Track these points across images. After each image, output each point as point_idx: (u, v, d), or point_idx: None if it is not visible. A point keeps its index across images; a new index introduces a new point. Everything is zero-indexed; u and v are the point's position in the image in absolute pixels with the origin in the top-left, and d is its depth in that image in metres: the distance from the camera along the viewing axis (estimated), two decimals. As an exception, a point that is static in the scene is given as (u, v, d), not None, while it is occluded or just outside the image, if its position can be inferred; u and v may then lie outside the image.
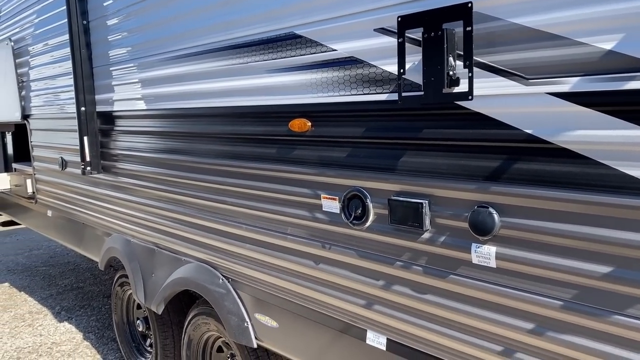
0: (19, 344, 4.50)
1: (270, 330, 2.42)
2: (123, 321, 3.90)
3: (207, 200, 2.68)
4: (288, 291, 2.29)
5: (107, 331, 4.70)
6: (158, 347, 3.42)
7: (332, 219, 2.02)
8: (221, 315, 2.64)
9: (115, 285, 3.84)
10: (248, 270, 2.50)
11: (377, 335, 1.93)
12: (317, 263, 2.12)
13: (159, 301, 3.08)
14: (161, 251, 3.13)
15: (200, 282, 2.76)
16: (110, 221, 3.65)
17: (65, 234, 4.50)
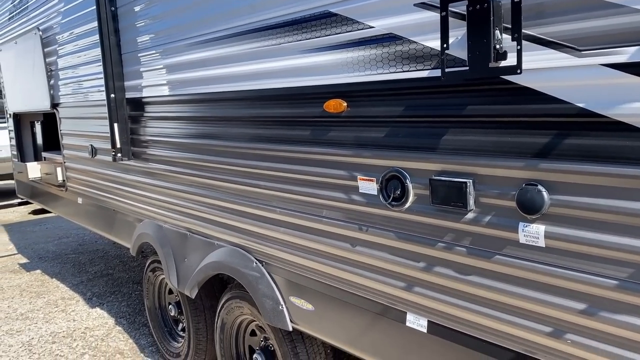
0: (53, 328, 4.59)
1: (305, 313, 2.41)
2: (155, 306, 3.94)
3: (239, 184, 2.67)
4: (324, 274, 2.27)
5: (138, 316, 4.75)
6: (191, 331, 3.45)
7: (370, 200, 1.99)
8: (256, 299, 2.64)
9: (146, 271, 3.88)
10: (282, 254, 2.49)
11: (417, 317, 1.90)
12: (353, 245, 2.10)
13: (192, 285, 3.09)
14: (193, 236, 3.13)
15: (233, 266, 2.76)
16: (142, 207, 3.67)
17: (95, 221, 4.55)
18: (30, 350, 4.20)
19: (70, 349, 4.17)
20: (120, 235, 4.15)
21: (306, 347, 2.66)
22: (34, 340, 4.39)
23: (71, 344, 4.27)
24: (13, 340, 4.40)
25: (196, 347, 3.46)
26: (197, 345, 3.45)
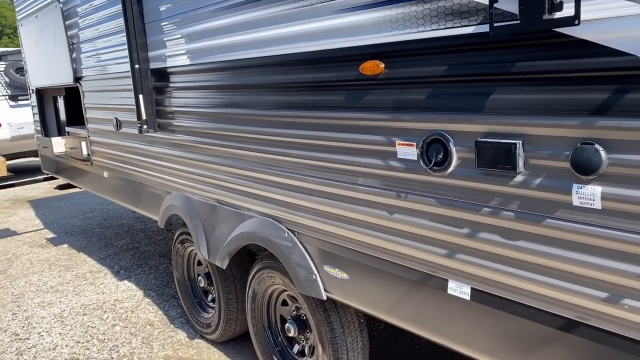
0: (83, 301, 4.64)
1: (340, 282, 2.38)
2: (184, 278, 3.95)
3: (270, 154, 2.62)
4: (359, 243, 2.23)
5: (166, 288, 4.79)
6: (221, 302, 3.45)
7: (409, 166, 1.93)
8: (288, 269, 2.61)
9: (175, 243, 3.88)
10: (315, 223, 2.45)
11: (459, 284, 1.86)
12: (391, 213, 2.04)
13: (223, 256, 3.08)
14: (223, 207, 3.11)
15: (265, 236, 2.73)
16: (169, 179, 3.66)
17: (122, 194, 4.56)
18: (62, 322, 4.26)
19: (101, 321, 4.22)
20: (148, 208, 4.15)
21: (340, 316, 2.64)
22: (65, 312, 4.45)
23: (102, 315, 4.32)
24: (45, 312, 4.46)
25: (227, 317, 3.46)
26: (228, 315, 3.46)
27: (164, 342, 3.81)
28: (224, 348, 3.66)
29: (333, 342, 2.62)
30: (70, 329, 4.12)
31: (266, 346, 3.12)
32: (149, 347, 3.75)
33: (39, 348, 3.86)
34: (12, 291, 5.03)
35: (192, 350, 3.67)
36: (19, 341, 3.99)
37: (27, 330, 4.16)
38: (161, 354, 3.65)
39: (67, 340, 3.94)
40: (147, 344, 3.79)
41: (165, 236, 6.49)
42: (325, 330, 2.63)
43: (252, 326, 3.17)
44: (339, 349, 2.63)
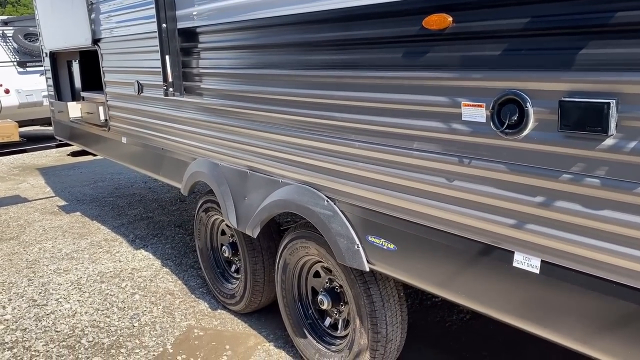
0: (100, 269, 4.55)
1: (386, 253, 2.26)
2: (207, 247, 3.85)
3: (310, 117, 2.49)
4: (410, 212, 2.10)
5: (184, 259, 4.69)
6: (248, 272, 3.35)
7: (475, 129, 1.80)
8: (328, 239, 2.49)
9: (198, 211, 3.76)
10: (359, 191, 2.32)
11: (528, 257, 1.74)
12: (450, 180, 1.92)
13: (255, 224, 2.96)
14: (254, 174, 2.98)
15: (302, 204, 2.61)
16: (195, 145, 3.52)
17: (141, 161, 4.43)
18: (80, 289, 4.18)
19: (119, 289, 4.13)
20: (169, 175, 4.03)
21: (379, 289, 2.53)
22: (82, 279, 4.36)
23: (120, 284, 4.23)
24: (62, 279, 4.38)
25: (253, 288, 3.37)
26: (254, 286, 3.36)
27: (186, 311, 3.73)
28: (247, 319, 3.57)
29: (372, 315, 2.52)
30: (89, 297, 4.03)
31: (296, 319, 3.02)
32: (171, 317, 3.66)
33: (58, 314, 3.78)
34: (26, 257, 4.95)
35: (215, 321, 3.58)
36: (36, 307, 3.91)
37: (45, 297, 4.07)
38: (184, 324, 3.56)
39: (86, 308, 3.86)
40: (168, 314, 3.71)
41: (179, 207, 6.39)
42: (364, 303, 2.52)
43: (282, 298, 3.07)
44: (378, 323, 2.52)
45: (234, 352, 3.20)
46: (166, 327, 3.54)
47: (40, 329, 3.59)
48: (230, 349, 3.23)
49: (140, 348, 3.30)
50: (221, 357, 3.15)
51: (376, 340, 2.55)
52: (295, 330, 3.03)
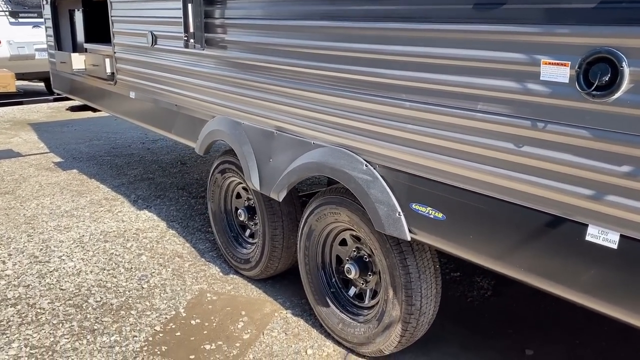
0: (103, 227, 4.39)
1: (432, 222, 2.13)
2: (220, 210, 3.70)
3: (351, 73, 2.33)
4: (467, 180, 1.97)
5: (190, 221, 4.54)
6: (266, 238, 3.22)
7: (555, 90, 1.65)
8: (366, 205, 2.36)
9: (213, 173, 3.60)
10: (404, 155, 2.18)
11: (604, 230, 1.61)
12: (519, 146, 1.78)
13: (281, 188, 2.81)
14: (282, 134, 2.82)
15: (338, 168, 2.46)
16: (214, 102, 3.34)
17: (151, 117, 4.24)
18: (83, 247, 4.02)
19: (125, 249, 3.98)
20: (183, 133, 3.85)
21: (416, 260, 2.42)
22: (85, 237, 4.19)
23: (125, 244, 4.08)
24: (63, 237, 4.21)
25: (270, 254, 3.24)
26: (272, 252, 3.23)
27: (197, 275, 3.59)
28: (262, 286, 3.45)
29: (407, 287, 2.40)
30: (93, 255, 3.88)
31: (319, 287, 2.90)
32: (181, 280, 3.53)
33: (62, 272, 3.62)
34: (23, 212, 4.76)
35: (228, 286, 3.45)
36: (38, 263, 3.75)
37: (46, 253, 3.91)
38: (195, 287, 3.43)
39: (91, 267, 3.70)
40: (178, 276, 3.57)
41: (181, 169, 6.21)
42: (399, 274, 2.40)
43: (305, 265, 2.95)
44: (412, 295, 2.41)
45: (250, 318, 3.09)
46: (177, 290, 3.40)
47: (44, 287, 3.44)
48: (247, 315, 3.11)
49: (151, 310, 3.17)
50: (237, 323, 3.04)
51: (409, 313, 2.44)
52: (317, 298, 2.91)
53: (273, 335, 2.93)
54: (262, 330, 2.97)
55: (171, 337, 2.92)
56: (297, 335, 2.93)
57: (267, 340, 2.89)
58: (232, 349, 2.81)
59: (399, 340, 2.52)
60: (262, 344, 2.85)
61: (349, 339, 2.72)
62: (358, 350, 2.73)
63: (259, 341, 2.87)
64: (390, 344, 2.55)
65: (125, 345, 2.84)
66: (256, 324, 3.03)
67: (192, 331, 2.97)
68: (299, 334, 2.94)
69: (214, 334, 2.94)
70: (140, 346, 2.83)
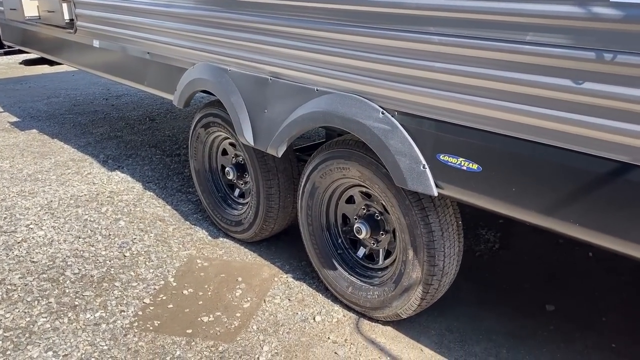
0: (72, 191, 4.02)
1: (464, 175, 1.89)
2: (205, 169, 3.38)
3: (362, 4, 2.02)
4: (510, 125, 1.72)
5: (168, 182, 4.21)
6: (261, 197, 2.94)
7: (628, 13, 1.39)
8: (384, 158, 2.09)
9: (195, 127, 3.26)
10: (430, 99, 1.92)
11: (685, 179, 1.40)
12: (579, 82, 1.53)
13: (280, 142, 2.52)
14: (278, 81, 2.50)
15: (349, 117, 2.18)
16: (195, 47, 2.98)
17: (119, 69, 3.83)
18: (53, 214, 3.66)
19: (100, 214, 3.64)
20: (157, 85, 3.47)
21: (439, 217, 2.19)
22: (54, 203, 3.83)
23: (99, 208, 3.74)
24: (29, 203, 3.83)
25: (266, 214, 2.97)
26: (267, 212, 2.96)
27: (183, 240, 3.30)
28: (256, 249, 3.19)
29: (430, 246, 2.18)
30: (65, 223, 3.53)
31: (324, 249, 2.66)
32: (167, 245, 3.24)
33: (32, 243, 3.28)
34: (-20, 178, 4.33)
35: (219, 250, 3.18)
36: (3, 234, 3.39)
37: (12, 222, 3.54)
38: (183, 254, 3.15)
39: (65, 235, 3.37)
40: (163, 242, 3.28)
41: (150, 126, 5.81)
42: (421, 232, 2.18)
43: (307, 226, 2.69)
44: (435, 255, 2.19)
45: (248, 285, 2.84)
46: (163, 257, 3.12)
47: (13, 260, 3.10)
48: (244, 282, 2.86)
49: (137, 281, 2.88)
50: (234, 291, 2.79)
51: (432, 274, 2.23)
52: (322, 261, 2.67)
53: (276, 302, 2.70)
54: (263, 298, 2.73)
55: (163, 310, 2.65)
56: (302, 301, 2.70)
57: (269, 308, 2.65)
58: (233, 319, 2.57)
59: (418, 303, 2.32)
60: (265, 313, 2.61)
61: (361, 303, 2.51)
62: (371, 314, 2.52)
63: (261, 310, 2.64)
64: (409, 308, 2.34)
65: (112, 321, 2.56)
66: (255, 291, 2.78)
67: (185, 302, 2.71)
68: (304, 299, 2.72)
69: (211, 304, 2.69)
70: (129, 322, 2.56)
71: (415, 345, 2.39)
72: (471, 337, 2.44)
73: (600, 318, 2.55)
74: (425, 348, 2.37)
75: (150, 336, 2.46)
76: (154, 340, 2.44)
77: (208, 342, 2.42)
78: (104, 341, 2.43)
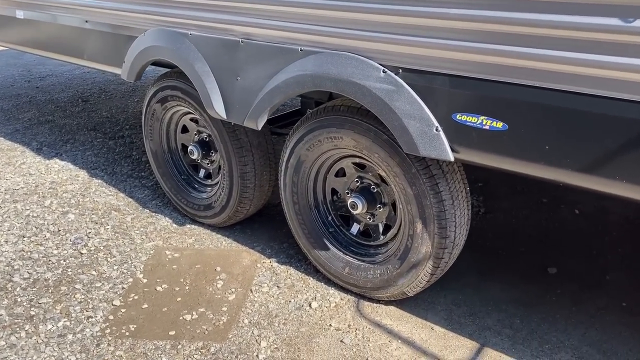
0: (6, 185, 3.55)
1: (486, 136, 1.69)
2: (164, 149, 3.03)
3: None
4: (541, 74, 1.53)
5: (117, 167, 3.81)
6: (234, 177, 2.64)
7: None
8: (390, 122, 1.87)
9: (150, 103, 2.90)
10: (441, 52, 1.70)
11: None
12: (629, 20, 1.35)
13: (260, 112, 2.23)
14: (252, 43, 2.21)
15: (344, 78, 1.93)
16: (145, 11, 2.61)
17: (50, 42, 3.37)
18: (-13, 212, 3.21)
19: (44, 209, 3.23)
20: (100, 57, 3.07)
21: (449, 184, 2.00)
22: (-14, 200, 3.36)
23: (41, 202, 3.31)
24: (-44, 202, 3.35)
25: (241, 195, 2.68)
26: (243, 193, 2.68)
27: (145, 230, 2.96)
28: (230, 234, 2.91)
29: (440, 217, 1.99)
30: (3, 220, 3.10)
31: (313, 229, 2.43)
32: (128, 238, 2.89)
33: (-33, 248, 2.85)
34: None
35: (188, 239, 2.88)
36: None
37: (-62, 226, 3.07)
38: (148, 245, 2.82)
39: (4, 235, 2.94)
40: (122, 234, 2.93)
41: (84, 107, 5.30)
42: (430, 203, 1.98)
43: (292, 204, 2.44)
44: (447, 226, 2.01)
45: (229, 274, 2.56)
46: (126, 251, 2.78)
47: (-54, 269, 2.67)
48: (223, 271, 2.58)
49: (101, 281, 2.54)
50: (215, 282, 2.51)
51: (443, 247, 2.04)
52: (311, 242, 2.44)
53: (264, 291, 2.44)
54: (248, 287, 2.47)
55: (137, 311, 2.34)
56: (292, 287, 2.47)
57: (258, 298, 2.40)
58: (220, 315, 2.30)
59: (428, 279, 2.14)
60: (255, 304, 2.36)
61: (361, 284, 2.30)
62: (372, 295, 2.32)
63: (249, 301, 2.38)
64: (417, 285, 2.16)
65: (80, 330, 2.23)
66: (239, 280, 2.52)
67: (162, 300, 2.40)
68: (294, 285, 2.48)
69: (191, 299, 2.40)
70: (100, 329, 2.23)
71: (425, 324, 2.22)
72: (480, 310, 2.29)
73: (604, 277, 2.47)
74: (435, 326, 2.20)
75: (128, 343, 2.15)
76: (133, 347, 2.13)
77: (196, 343, 2.15)
78: (73, 355, 2.10)
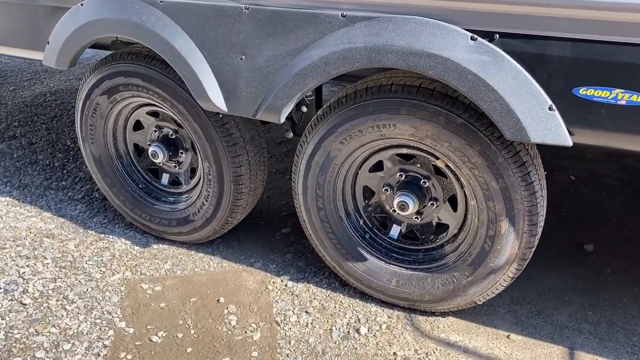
0: None
1: (621, 113, 1.38)
2: (109, 154, 2.36)
3: None
4: None
5: (24, 177, 2.99)
6: (224, 181, 2.10)
7: None
8: (487, 102, 1.47)
9: (90, 97, 2.22)
10: (559, 10, 1.34)
11: None
12: None
13: (285, 101, 1.71)
14: (262, 9, 1.67)
15: (417, 50, 1.49)
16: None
17: None
18: None
19: (-58, 247, 2.41)
20: (14, 41, 2.30)
21: (537, 172, 1.66)
22: None
23: None
24: None
25: (233, 203, 2.15)
26: (236, 200, 2.14)
27: (100, 259, 2.31)
28: (214, 250, 2.36)
29: (532, 212, 1.66)
30: None
31: (344, 236, 1.98)
32: (82, 273, 2.22)
33: None
34: None
35: (163, 264, 2.28)
36: None
37: None
38: (113, 280, 2.18)
39: None
40: (71, 268, 2.25)
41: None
42: (521, 197, 1.63)
43: (317, 210, 1.97)
44: (538, 222, 1.69)
45: (238, 305, 2.04)
46: (86, 291, 2.12)
47: None
48: (229, 302, 2.05)
49: (69, 340, 1.89)
50: (225, 319, 1.97)
51: (530, 246, 1.72)
52: (343, 253, 1.99)
53: (292, 321, 1.96)
54: (271, 320, 1.97)
55: (138, 377, 1.76)
56: (324, 310, 2.01)
57: (291, 332, 1.92)
58: (252, 364, 1.80)
59: (507, 284, 1.81)
60: (291, 341, 1.88)
61: (415, 297, 1.92)
62: (428, 308, 1.95)
63: (281, 338, 1.89)
64: (492, 292, 1.83)
65: (67, 422, 1.61)
66: (255, 312, 2.01)
67: (167, 356, 1.83)
68: (324, 307, 2.03)
69: (206, 348, 1.86)
70: (95, 414, 1.63)
71: (498, 334, 1.90)
72: (545, 305, 2.03)
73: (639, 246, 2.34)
74: (510, 334, 1.90)
75: None
76: None
77: (240, 411, 1.64)
78: None
